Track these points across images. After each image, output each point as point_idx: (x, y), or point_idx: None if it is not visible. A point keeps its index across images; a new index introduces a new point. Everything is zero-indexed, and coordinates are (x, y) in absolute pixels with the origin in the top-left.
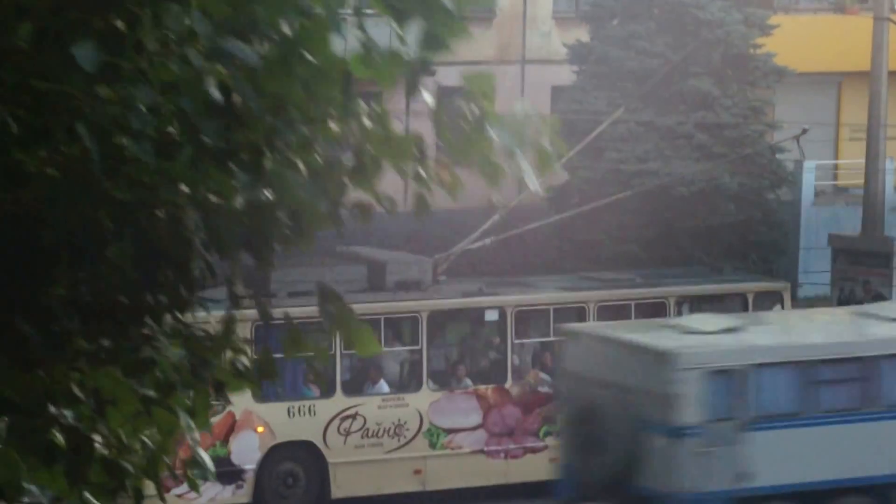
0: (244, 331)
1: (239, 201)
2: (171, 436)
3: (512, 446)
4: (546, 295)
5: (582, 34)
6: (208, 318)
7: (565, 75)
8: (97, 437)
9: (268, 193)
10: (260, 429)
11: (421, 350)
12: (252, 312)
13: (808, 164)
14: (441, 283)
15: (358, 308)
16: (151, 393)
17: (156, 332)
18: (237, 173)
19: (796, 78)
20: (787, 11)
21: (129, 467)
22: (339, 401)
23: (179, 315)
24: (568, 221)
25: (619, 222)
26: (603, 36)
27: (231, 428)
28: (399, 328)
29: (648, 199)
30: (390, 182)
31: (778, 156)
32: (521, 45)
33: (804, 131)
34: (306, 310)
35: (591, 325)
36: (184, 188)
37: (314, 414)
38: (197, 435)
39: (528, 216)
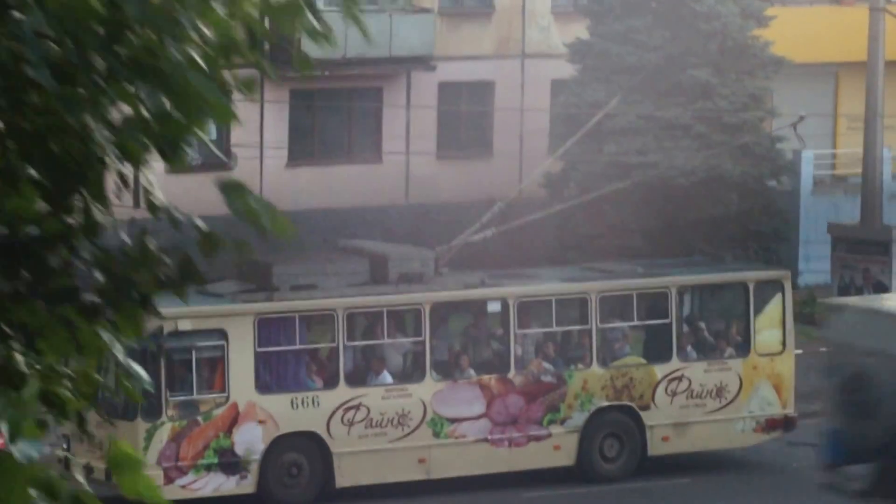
0: (245, 322)
1: (144, 110)
2: (100, 356)
3: (515, 435)
4: (548, 286)
5: (581, 28)
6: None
7: (565, 69)
8: (30, 371)
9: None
10: (263, 420)
11: (424, 341)
12: (255, 305)
13: (807, 154)
14: (443, 276)
15: (361, 300)
16: (78, 320)
17: (73, 260)
18: (137, 83)
19: (794, 69)
20: (783, 3)
21: (67, 394)
22: (343, 392)
23: (94, 238)
24: (569, 214)
25: (621, 214)
26: (602, 31)
27: (234, 420)
28: (402, 320)
29: (649, 190)
30: (390, 174)
31: (777, 145)
32: (521, 40)
33: (801, 118)
34: (309, 303)
35: (856, 299)
36: (88, 112)
37: (318, 405)
38: (122, 356)
39: (530, 209)
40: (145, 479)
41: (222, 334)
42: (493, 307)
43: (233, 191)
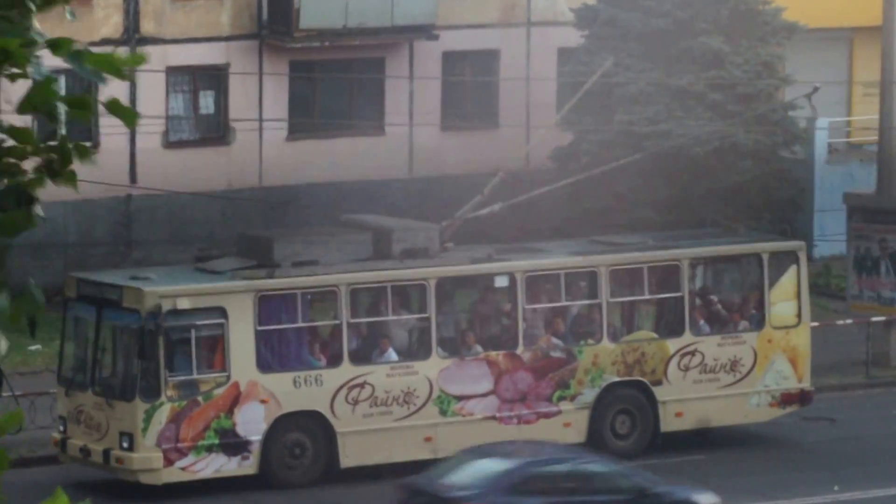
0: (245, 300)
1: None
2: None
3: (524, 412)
4: (556, 260)
5: None
6: None
7: (572, 37)
8: None
9: None
10: (265, 399)
11: (429, 318)
12: (256, 283)
13: (821, 122)
14: (449, 251)
15: (364, 276)
16: None
17: None
18: None
19: (807, 34)
20: None
21: None
22: (347, 370)
23: None
24: (579, 186)
25: (632, 185)
26: None
27: (236, 399)
28: (406, 296)
29: (661, 160)
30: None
31: (790, 113)
32: (526, 7)
33: (816, 89)
34: (311, 279)
35: None
36: None
37: (321, 384)
38: None
39: (538, 181)
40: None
41: (222, 312)
42: (501, 282)
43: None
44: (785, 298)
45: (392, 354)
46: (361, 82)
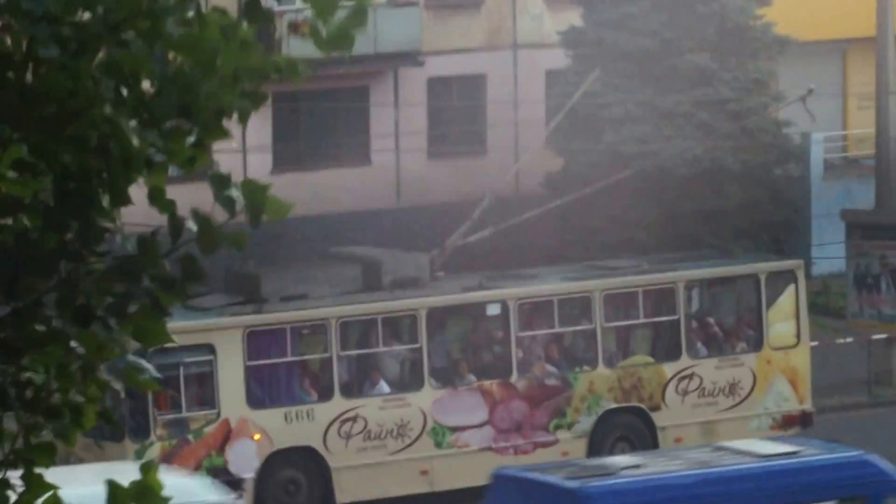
0: (234, 336)
1: (155, 71)
2: (100, 354)
3: (521, 442)
4: (549, 286)
5: (574, 16)
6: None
7: (559, 59)
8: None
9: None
10: (257, 436)
11: (421, 348)
12: (244, 318)
13: (816, 137)
14: (439, 280)
15: (354, 309)
16: (79, 330)
17: (80, 272)
18: (139, 46)
19: (799, 48)
20: None
21: (80, 398)
22: (339, 403)
23: (96, 247)
24: (569, 208)
25: (622, 207)
26: (596, 19)
27: (226, 436)
28: (397, 327)
29: (650, 181)
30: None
31: (784, 130)
32: (512, 30)
33: (810, 91)
34: (300, 313)
35: None
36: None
37: (312, 418)
38: (129, 346)
39: (527, 205)
40: None
41: (210, 349)
42: (493, 310)
43: (219, 181)
44: (783, 318)
45: (384, 386)
46: (346, 112)
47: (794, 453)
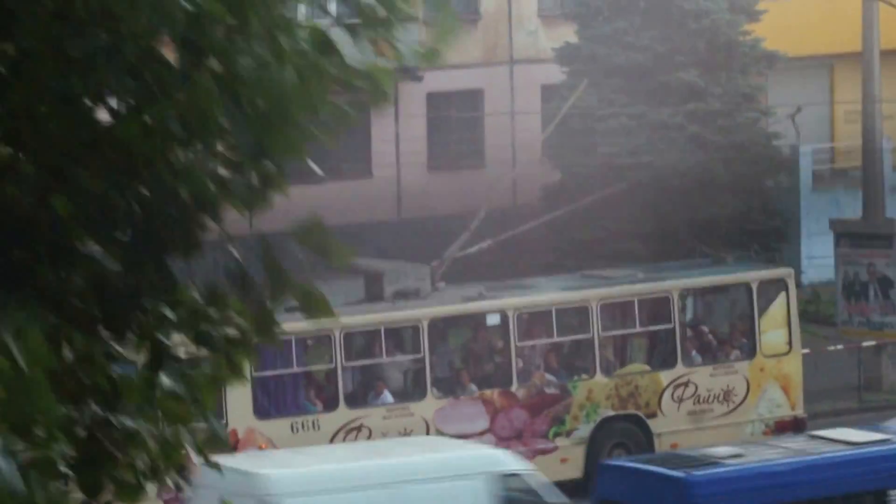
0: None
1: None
2: (186, 418)
3: (521, 449)
4: (547, 296)
5: (568, 32)
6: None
7: (554, 74)
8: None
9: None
10: (263, 446)
11: (423, 358)
12: None
13: (805, 149)
14: (440, 290)
15: (357, 320)
16: (168, 383)
17: (158, 319)
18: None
19: (788, 63)
20: None
21: (144, 459)
22: (343, 413)
23: (171, 294)
24: (565, 220)
25: (617, 218)
26: (590, 35)
27: (234, 447)
28: (400, 337)
29: (644, 193)
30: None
31: (774, 142)
32: (508, 46)
33: (799, 109)
34: (304, 325)
35: None
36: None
37: (318, 428)
38: (207, 411)
39: (525, 217)
40: None
41: None
42: (493, 320)
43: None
44: (775, 326)
45: (388, 396)
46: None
47: (886, 441)
